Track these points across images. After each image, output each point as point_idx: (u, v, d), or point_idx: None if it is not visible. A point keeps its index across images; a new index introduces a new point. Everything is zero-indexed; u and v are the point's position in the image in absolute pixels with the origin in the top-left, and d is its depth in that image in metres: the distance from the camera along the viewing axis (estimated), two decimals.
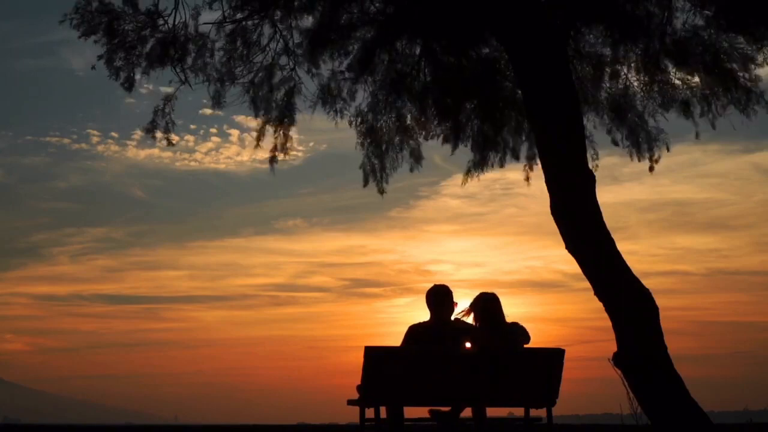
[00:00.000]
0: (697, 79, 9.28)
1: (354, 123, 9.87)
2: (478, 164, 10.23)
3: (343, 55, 9.37)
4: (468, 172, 10.29)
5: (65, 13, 8.81)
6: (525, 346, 6.45)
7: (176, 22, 9.06)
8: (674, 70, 9.30)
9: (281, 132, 9.89)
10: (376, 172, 10.06)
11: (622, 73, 9.64)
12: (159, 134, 9.51)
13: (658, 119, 9.73)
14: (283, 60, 9.58)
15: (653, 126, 9.75)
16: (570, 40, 9.01)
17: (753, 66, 8.91)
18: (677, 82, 9.40)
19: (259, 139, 9.92)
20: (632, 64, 9.53)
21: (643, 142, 9.84)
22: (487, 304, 6.54)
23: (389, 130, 10.01)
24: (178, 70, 9.21)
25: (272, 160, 9.98)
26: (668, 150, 9.85)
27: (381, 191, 10.15)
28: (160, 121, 9.49)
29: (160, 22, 9.02)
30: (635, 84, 9.67)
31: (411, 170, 10.27)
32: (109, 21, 8.83)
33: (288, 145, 9.98)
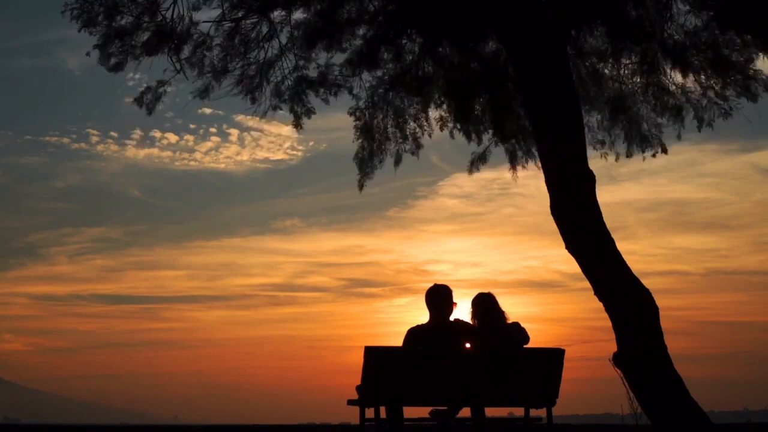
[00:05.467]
0: (695, 80, 9.26)
1: (354, 115, 9.89)
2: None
3: (344, 51, 9.42)
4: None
5: (66, 2, 8.85)
6: (524, 346, 6.45)
7: (174, 16, 9.09)
8: (673, 72, 9.29)
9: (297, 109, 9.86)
10: (373, 165, 10.06)
11: (621, 74, 9.64)
12: (145, 107, 9.48)
13: (655, 121, 9.75)
14: (283, 57, 9.58)
15: (647, 128, 9.79)
16: (570, 39, 9.00)
17: (755, 61, 8.91)
18: (674, 86, 9.40)
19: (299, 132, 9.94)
20: (630, 66, 9.52)
21: (636, 144, 9.87)
22: (485, 305, 6.54)
23: (388, 124, 10.04)
24: (174, 60, 9.23)
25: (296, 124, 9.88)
26: (665, 152, 9.88)
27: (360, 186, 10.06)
28: (148, 95, 9.46)
29: (158, 17, 9.05)
30: (633, 85, 9.67)
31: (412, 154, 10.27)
32: (107, 10, 8.86)
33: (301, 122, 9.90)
